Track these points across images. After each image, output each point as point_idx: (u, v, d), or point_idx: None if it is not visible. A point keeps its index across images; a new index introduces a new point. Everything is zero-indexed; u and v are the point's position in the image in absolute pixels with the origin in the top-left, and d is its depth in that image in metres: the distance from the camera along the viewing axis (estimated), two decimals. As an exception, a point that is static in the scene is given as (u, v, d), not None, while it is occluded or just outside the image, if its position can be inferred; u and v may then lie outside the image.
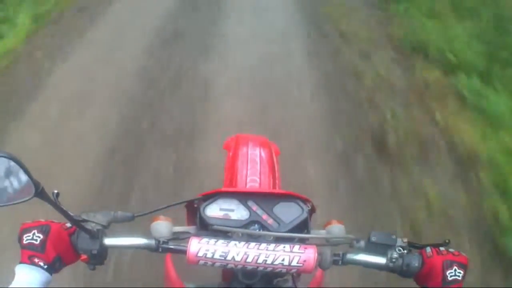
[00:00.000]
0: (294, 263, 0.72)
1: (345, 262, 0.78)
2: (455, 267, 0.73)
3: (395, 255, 0.77)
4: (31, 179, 0.66)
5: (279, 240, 0.77)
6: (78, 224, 0.74)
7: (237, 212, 0.81)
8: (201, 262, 0.73)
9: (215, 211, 0.81)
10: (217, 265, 0.73)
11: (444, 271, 0.72)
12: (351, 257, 0.78)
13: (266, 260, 0.72)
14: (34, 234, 0.72)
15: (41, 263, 0.69)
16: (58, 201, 0.70)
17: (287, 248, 0.73)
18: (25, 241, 0.71)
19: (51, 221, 0.75)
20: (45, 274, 0.69)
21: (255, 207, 0.82)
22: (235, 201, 0.82)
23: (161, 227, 0.83)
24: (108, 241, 0.77)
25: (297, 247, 0.73)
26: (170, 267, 1.13)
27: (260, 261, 0.72)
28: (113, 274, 1.84)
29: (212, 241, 0.73)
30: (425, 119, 3.02)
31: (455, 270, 0.72)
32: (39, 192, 0.67)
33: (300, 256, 0.72)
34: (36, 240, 0.71)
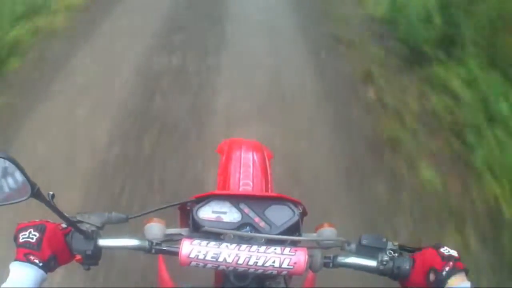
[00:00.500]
0: (284, 265, 0.73)
1: (336, 265, 0.79)
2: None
3: (385, 258, 0.77)
4: (27, 179, 0.67)
5: (270, 242, 0.77)
6: (73, 225, 0.75)
7: (229, 214, 0.82)
8: (193, 264, 0.74)
9: (207, 213, 0.82)
10: (209, 266, 0.74)
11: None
12: (342, 260, 0.79)
13: (257, 262, 0.73)
14: (30, 232, 0.72)
15: (37, 261, 0.70)
16: (53, 202, 0.71)
17: (278, 251, 0.74)
18: (21, 239, 0.72)
19: (47, 221, 0.76)
20: (40, 272, 0.69)
21: (247, 209, 0.83)
22: (228, 204, 0.83)
23: (154, 228, 0.84)
24: (102, 242, 0.78)
25: (288, 250, 0.74)
26: (162, 268, 1.14)
27: (251, 263, 0.73)
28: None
29: (204, 242, 0.74)
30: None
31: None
32: (35, 192, 0.68)
33: (290, 258, 0.73)
34: (32, 238, 0.72)
